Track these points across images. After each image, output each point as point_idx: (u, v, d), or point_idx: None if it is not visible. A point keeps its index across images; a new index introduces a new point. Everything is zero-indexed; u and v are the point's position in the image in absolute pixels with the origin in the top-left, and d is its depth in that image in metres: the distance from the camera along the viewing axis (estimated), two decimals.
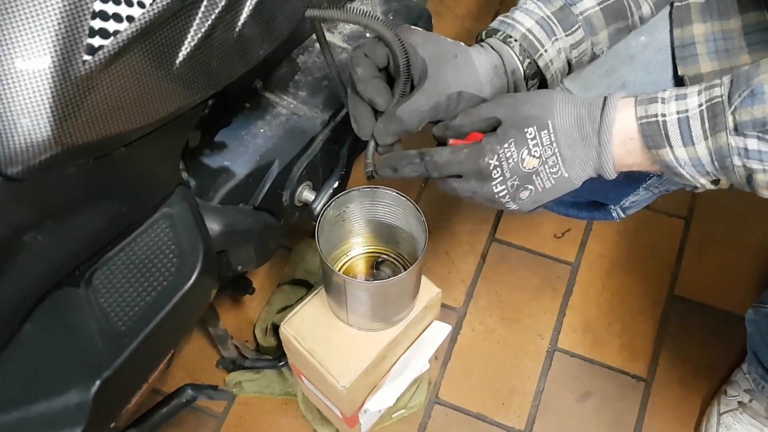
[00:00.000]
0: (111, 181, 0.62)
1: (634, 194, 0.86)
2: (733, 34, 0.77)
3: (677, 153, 0.58)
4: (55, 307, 0.64)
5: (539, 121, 0.60)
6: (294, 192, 0.91)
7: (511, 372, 1.18)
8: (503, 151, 0.60)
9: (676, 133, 0.57)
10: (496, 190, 0.61)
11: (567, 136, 0.60)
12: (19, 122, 0.50)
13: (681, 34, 0.79)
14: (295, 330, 0.91)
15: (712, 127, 0.56)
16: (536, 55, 0.71)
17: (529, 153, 0.60)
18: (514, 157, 0.60)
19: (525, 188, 0.61)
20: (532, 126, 0.60)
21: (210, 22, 0.55)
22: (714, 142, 0.57)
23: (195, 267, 0.67)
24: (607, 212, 0.89)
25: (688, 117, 0.57)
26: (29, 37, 0.48)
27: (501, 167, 0.60)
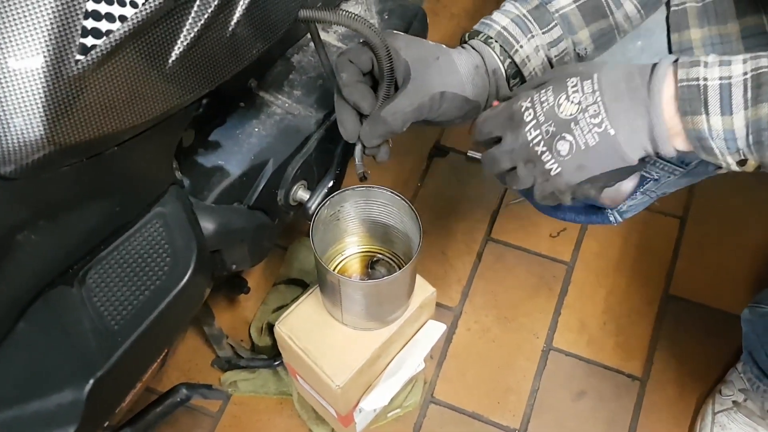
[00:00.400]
0: (104, 180, 0.62)
1: (631, 198, 0.86)
2: (731, 38, 0.76)
3: (712, 122, 0.55)
4: (48, 306, 0.64)
5: (584, 74, 0.56)
6: (289, 191, 0.91)
7: (506, 371, 1.19)
8: (539, 95, 0.57)
9: (716, 99, 0.54)
10: (530, 137, 0.57)
11: (613, 88, 0.56)
12: (12, 122, 0.50)
13: (678, 39, 0.79)
14: (289, 329, 0.91)
15: (755, 97, 0.53)
16: (512, 51, 0.72)
17: (567, 98, 0.56)
18: (549, 101, 0.56)
19: (562, 138, 0.56)
20: (576, 77, 0.56)
21: (203, 22, 0.55)
22: (754, 113, 0.53)
23: (188, 266, 0.67)
24: (605, 216, 0.89)
25: (731, 84, 0.54)
26: (22, 37, 0.48)
27: (534, 109, 0.57)
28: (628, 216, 0.90)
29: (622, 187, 0.65)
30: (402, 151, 1.43)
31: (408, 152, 1.43)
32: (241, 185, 0.85)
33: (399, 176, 1.40)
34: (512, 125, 0.59)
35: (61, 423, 0.62)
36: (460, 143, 1.43)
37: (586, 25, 0.74)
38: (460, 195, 1.37)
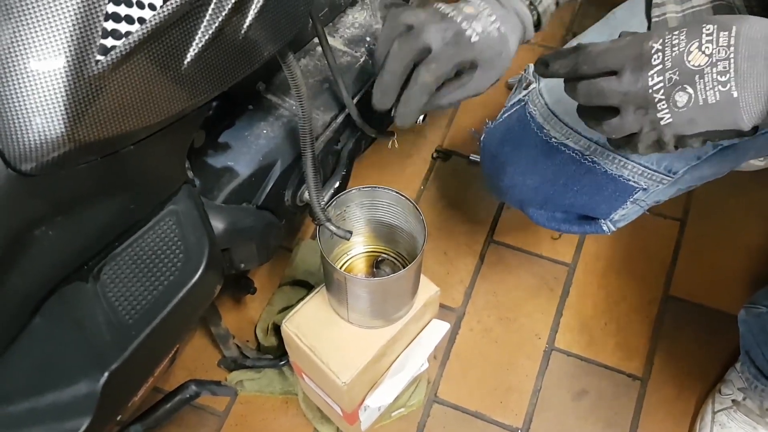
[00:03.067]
0: (119, 177, 0.63)
1: (623, 208, 0.88)
2: None
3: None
4: (64, 300, 0.66)
5: (723, 23, 0.52)
6: (296, 192, 0.93)
7: (508, 371, 1.20)
8: (671, 37, 0.53)
9: None
10: (651, 82, 0.54)
11: (751, 45, 0.51)
12: (33, 120, 0.52)
13: None
14: (296, 327, 0.92)
15: None
16: (536, 2, 0.74)
17: (699, 47, 0.52)
18: (681, 46, 0.53)
19: (683, 89, 0.53)
20: (713, 24, 0.52)
21: (217, 25, 0.57)
22: None
23: (200, 262, 0.69)
24: (598, 226, 0.91)
25: None
26: (44, 39, 0.50)
27: (663, 52, 0.53)
28: (620, 225, 0.92)
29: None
30: (405, 154, 1.45)
31: (411, 155, 1.45)
32: (250, 186, 0.86)
33: (402, 179, 1.42)
34: (636, 65, 0.54)
35: (76, 415, 0.64)
36: (463, 147, 1.45)
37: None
38: (463, 198, 1.39)
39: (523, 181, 0.90)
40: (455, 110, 1.51)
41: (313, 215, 0.83)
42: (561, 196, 0.89)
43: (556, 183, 0.88)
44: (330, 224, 0.83)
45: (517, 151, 0.90)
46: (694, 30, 0.53)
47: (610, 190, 0.86)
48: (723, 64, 0.52)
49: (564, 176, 0.87)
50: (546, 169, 0.87)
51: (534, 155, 0.88)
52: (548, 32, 1.62)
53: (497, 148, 0.93)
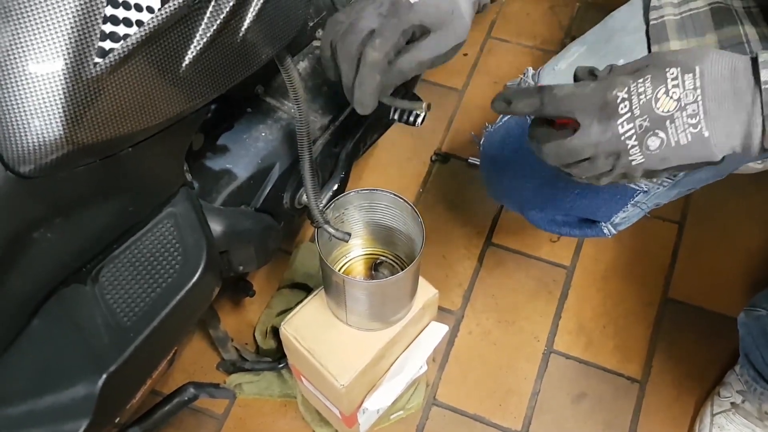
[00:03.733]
0: (118, 180, 0.64)
1: (623, 210, 0.88)
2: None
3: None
4: (62, 302, 0.66)
5: (685, 64, 0.52)
6: (294, 194, 0.93)
7: (507, 373, 1.20)
8: (636, 84, 0.53)
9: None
10: (621, 130, 0.53)
11: (716, 86, 0.52)
12: (32, 123, 0.52)
13: (659, 50, 0.81)
14: (294, 330, 0.92)
15: None
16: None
17: (666, 93, 0.52)
18: (647, 93, 0.52)
19: (655, 134, 0.53)
20: (676, 67, 0.52)
21: (215, 27, 0.57)
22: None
23: (199, 264, 0.69)
24: (599, 229, 0.91)
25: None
26: (42, 42, 0.51)
27: (630, 101, 0.53)
28: (621, 228, 0.92)
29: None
30: (404, 157, 1.45)
31: (410, 158, 1.45)
32: (248, 188, 0.87)
33: (401, 182, 1.42)
34: (603, 115, 0.54)
35: (75, 417, 0.64)
36: (462, 150, 1.46)
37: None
38: (461, 200, 1.39)
39: (522, 184, 0.90)
40: (454, 113, 1.51)
41: (311, 218, 0.83)
42: (561, 199, 0.89)
43: (556, 186, 0.88)
44: (328, 226, 0.83)
45: (517, 155, 0.90)
46: (658, 75, 0.53)
47: (610, 193, 0.86)
48: (692, 108, 0.52)
49: (564, 179, 0.87)
50: (545, 172, 0.88)
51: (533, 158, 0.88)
52: (547, 36, 1.62)
53: (496, 151, 0.93)
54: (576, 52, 0.87)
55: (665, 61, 0.53)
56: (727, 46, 0.78)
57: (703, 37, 0.79)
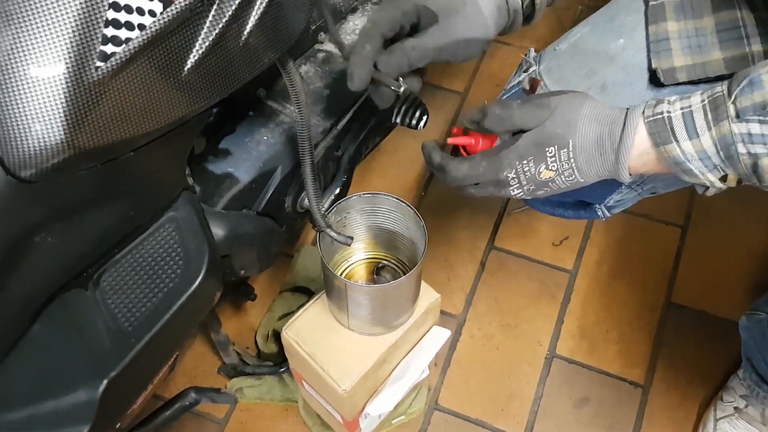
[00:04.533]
0: (119, 184, 0.63)
1: (618, 192, 0.88)
2: (706, 32, 0.79)
3: (683, 147, 0.60)
4: (63, 307, 0.66)
5: (561, 140, 0.63)
6: (296, 198, 0.93)
7: (509, 378, 1.20)
8: (521, 166, 0.64)
9: (681, 127, 0.60)
10: (513, 193, 0.66)
11: (585, 153, 0.63)
12: (33, 127, 0.52)
13: (656, 30, 0.82)
14: (296, 334, 0.92)
15: (715, 118, 0.59)
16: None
17: (547, 168, 0.64)
18: (531, 170, 0.64)
19: (541, 189, 0.66)
20: (554, 145, 0.63)
21: (218, 31, 0.57)
22: (718, 132, 0.59)
23: (200, 269, 0.69)
24: (593, 211, 0.91)
25: (692, 111, 0.60)
26: (44, 45, 0.50)
27: (518, 178, 0.65)
28: (616, 211, 0.92)
29: None
30: (406, 159, 1.45)
31: (412, 161, 1.45)
32: (250, 192, 0.86)
33: (403, 185, 1.41)
34: (497, 185, 0.66)
35: (75, 422, 0.63)
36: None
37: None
38: (463, 203, 1.39)
39: None
40: (456, 116, 1.51)
41: (313, 222, 0.83)
42: None
43: None
44: (330, 231, 0.83)
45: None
46: (539, 155, 0.64)
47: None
48: (568, 172, 0.64)
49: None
50: None
51: None
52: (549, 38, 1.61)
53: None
54: (578, 33, 0.88)
55: (544, 138, 0.63)
56: (722, 29, 0.79)
57: (700, 19, 0.80)
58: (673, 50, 0.80)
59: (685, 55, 0.80)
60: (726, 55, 0.78)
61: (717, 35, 0.79)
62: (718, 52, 0.79)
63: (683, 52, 0.80)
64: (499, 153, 0.65)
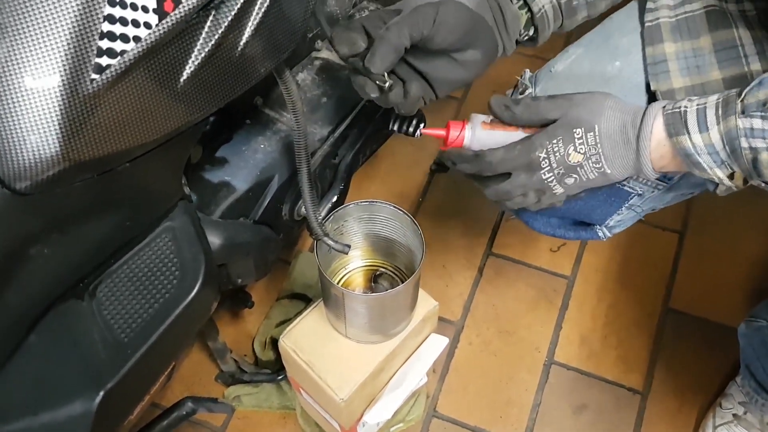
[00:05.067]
0: (115, 195, 0.63)
1: (618, 213, 0.88)
2: (704, 52, 0.80)
3: (694, 139, 0.63)
4: (59, 318, 0.65)
5: (587, 123, 0.66)
6: (293, 206, 0.93)
7: (508, 385, 1.19)
8: (551, 145, 0.66)
9: (694, 120, 0.63)
10: (544, 177, 0.68)
11: (610, 139, 0.66)
12: (28, 139, 0.52)
13: (653, 52, 0.82)
14: (293, 342, 0.92)
15: (724, 113, 0.62)
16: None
17: (575, 149, 0.66)
18: (560, 151, 0.66)
19: (570, 176, 0.68)
20: (581, 127, 0.66)
21: (213, 42, 0.57)
22: (725, 126, 0.62)
23: (197, 279, 0.69)
24: (594, 232, 0.91)
25: (706, 107, 0.63)
26: (39, 57, 0.50)
27: (549, 158, 0.66)
28: (617, 231, 0.92)
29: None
30: (404, 165, 1.45)
31: (410, 167, 1.45)
32: (247, 200, 0.86)
33: (401, 191, 1.41)
34: (529, 169, 0.68)
35: None
36: None
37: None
38: (461, 209, 1.39)
39: None
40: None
41: (310, 230, 0.83)
42: None
43: None
44: (327, 239, 0.83)
45: None
46: (567, 136, 0.66)
47: (605, 196, 0.87)
48: (595, 157, 0.66)
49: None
50: None
51: None
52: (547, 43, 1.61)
53: None
54: (573, 54, 0.88)
55: (571, 120, 0.66)
56: (720, 49, 0.79)
57: (697, 39, 0.80)
58: (671, 71, 0.81)
59: (684, 76, 0.80)
60: (725, 74, 0.78)
61: (715, 55, 0.79)
62: (717, 72, 0.79)
63: (681, 74, 0.80)
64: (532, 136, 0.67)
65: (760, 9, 0.77)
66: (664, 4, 0.82)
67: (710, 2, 0.80)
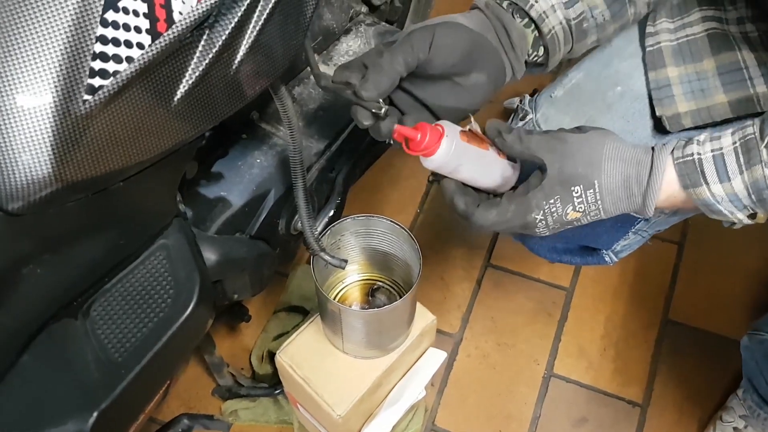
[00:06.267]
0: (109, 214, 0.63)
1: (624, 239, 0.88)
2: (708, 75, 0.78)
3: (714, 189, 0.60)
4: (52, 338, 0.65)
5: (586, 180, 0.61)
6: (290, 220, 0.92)
7: (507, 398, 1.19)
8: (548, 207, 0.62)
9: (712, 170, 0.59)
10: (539, 232, 0.64)
11: (612, 195, 0.62)
12: (20, 159, 0.51)
13: (656, 77, 0.81)
14: (290, 358, 0.91)
15: (747, 161, 0.58)
16: (527, 6, 0.70)
17: (574, 209, 0.62)
18: (558, 212, 0.63)
19: (565, 228, 0.65)
20: (579, 185, 0.61)
21: (208, 60, 0.56)
22: (750, 176, 0.58)
23: (191, 298, 0.68)
24: (600, 257, 0.90)
25: (723, 154, 0.59)
26: (31, 76, 0.50)
27: (546, 220, 0.63)
28: (623, 255, 0.91)
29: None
30: (402, 176, 1.44)
31: (407, 178, 1.44)
32: (243, 215, 0.86)
33: (398, 202, 1.41)
34: (525, 229, 0.65)
35: None
36: None
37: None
38: (460, 221, 1.38)
39: None
40: None
41: (307, 245, 0.82)
42: None
43: None
44: (324, 254, 0.82)
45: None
46: (565, 195, 0.62)
47: (611, 222, 0.85)
48: (594, 213, 0.63)
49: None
50: None
51: None
52: None
53: None
54: (573, 78, 0.86)
55: (568, 177, 0.61)
56: (724, 72, 0.78)
57: (701, 62, 0.79)
58: (675, 96, 0.79)
59: (689, 100, 0.79)
60: (730, 98, 0.77)
61: (719, 78, 0.78)
62: (722, 96, 0.77)
63: (686, 97, 0.79)
64: (526, 194, 0.63)
65: (762, 30, 0.76)
66: (665, 28, 0.81)
67: (711, 25, 0.79)
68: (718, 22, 0.79)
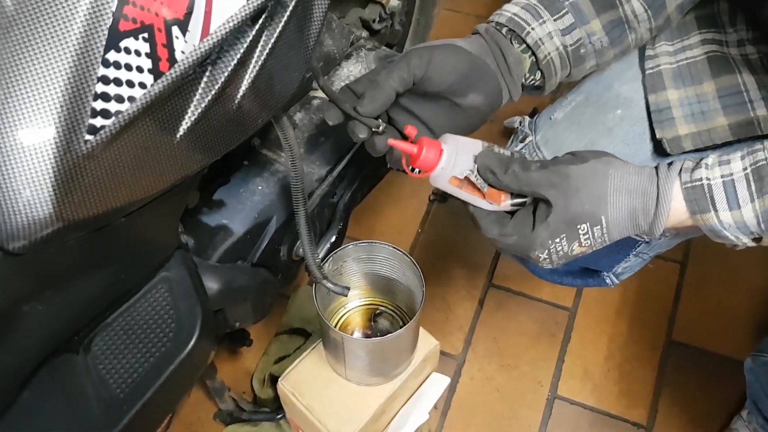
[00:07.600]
0: (110, 249, 0.62)
1: (625, 261, 0.87)
2: (708, 98, 0.78)
3: (722, 216, 0.59)
4: (53, 373, 0.64)
5: (593, 217, 0.60)
6: (291, 247, 0.92)
7: (511, 421, 1.18)
8: (554, 246, 0.62)
9: (722, 197, 0.59)
10: (542, 266, 0.64)
11: (619, 227, 0.61)
12: (21, 199, 0.51)
13: (656, 99, 0.81)
14: (293, 385, 0.91)
15: (759, 189, 0.58)
16: (523, 34, 0.71)
17: (580, 245, 0.62)
18: (564, 249, 0.62)
19: (568, 260, 0.64)
20: (586, 223, 0.61)
21: (210, 97, 0.56)
22: (761, 205, 0.58)
23: (193, 332, 0.68)
24: (601, 279, 0.90)
25: (734, 180, 0.59)
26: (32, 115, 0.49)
27: (550, 257, 0.62)
28: (624, 278, 0.90)
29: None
30: (403, 196, 1.44)
31: (408, 198, 1.44)
32: (245, 243, 0.85)
33: (399, 222, 1.40)
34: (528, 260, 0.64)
35: None
36: None
37: (597, 15, 0.73)
38: (461, 241, 1.38)
39: None
40: None
41: (309, 272, 0.82)
42: None
43: None
44: (327, 282, 0.82)
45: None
46: (571, 233, 0.61)
47: (612, 245, 0.85)
48: (600, 244, 0.62)
49: None
50: None
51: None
52: None
53: None
54: (573, 101, 0.86)
55: (573, 216, 0.60)
56: (724, 95, 0.78)
57: (700, 85, 0.79)
58: (676, 119, 0.79)
59: (689, 123, 0.78)
60: (731, 120, 0.77)
61: (719, 101, 0.77)
62: (723, 118, 0.77)
63: (686, 120, 0.79)
64: (531, 230, 0.61)
65: (763, 53, 0.76)
66: (664, 51, 0.81)
67: (711, 47, 0.79)
68: (718, 45, 0.79)
